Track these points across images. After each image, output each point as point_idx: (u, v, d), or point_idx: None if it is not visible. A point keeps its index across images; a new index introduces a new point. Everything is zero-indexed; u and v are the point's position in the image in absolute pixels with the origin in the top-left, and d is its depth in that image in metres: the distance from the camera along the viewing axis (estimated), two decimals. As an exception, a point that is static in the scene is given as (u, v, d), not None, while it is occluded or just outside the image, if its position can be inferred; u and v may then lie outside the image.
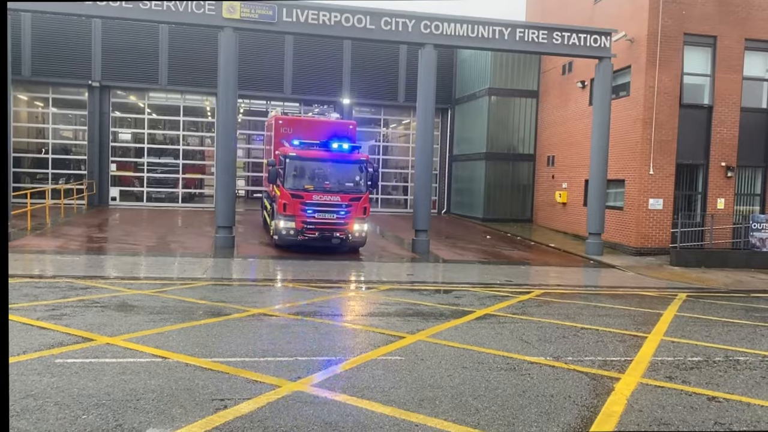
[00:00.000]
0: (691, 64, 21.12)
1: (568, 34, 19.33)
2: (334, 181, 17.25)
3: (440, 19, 18.37)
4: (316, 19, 17.57)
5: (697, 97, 21.34)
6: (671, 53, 20.57)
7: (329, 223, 17.02)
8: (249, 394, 6.32)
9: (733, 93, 21.21)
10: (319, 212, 16.86)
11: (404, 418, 5.87)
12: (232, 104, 17.84)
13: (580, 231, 23.27)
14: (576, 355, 8.51)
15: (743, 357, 8.95)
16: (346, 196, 17.13)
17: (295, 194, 16.74)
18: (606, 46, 19.57)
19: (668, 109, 20.70)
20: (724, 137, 21.28)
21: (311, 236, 16.93)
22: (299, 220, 16.78)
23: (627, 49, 21.21)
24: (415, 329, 9.52)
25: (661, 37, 20.38)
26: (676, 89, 20.74)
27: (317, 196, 16.84)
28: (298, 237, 16.89)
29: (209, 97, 28.81)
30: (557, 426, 5.89)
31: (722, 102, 21.16)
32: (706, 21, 20.81)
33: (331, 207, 16.94)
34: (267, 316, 10.01)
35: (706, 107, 21.22)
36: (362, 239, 17.79)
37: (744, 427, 6.09)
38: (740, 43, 21.13)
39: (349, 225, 17.19)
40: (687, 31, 20.69)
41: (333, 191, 17.05)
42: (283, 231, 16.94)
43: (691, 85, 21.23)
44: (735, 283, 16.83)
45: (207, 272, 14.06)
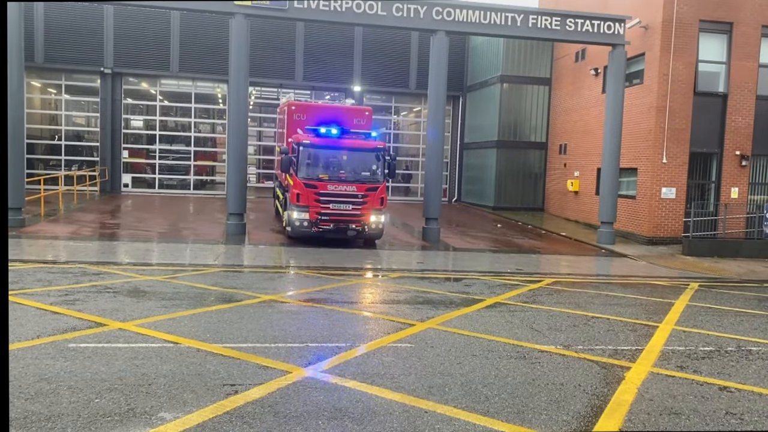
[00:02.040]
0: (706, 51, 20.84)
1: (581, 21, 19.12)
2: (349, 170, 16.61)
3: (452, 5, 18.22)
4: (327, 5, 17.47)
5: (711, 84, 21.08)
6: (686, 40, 20.30)
7: (345, 215, 16.38)
8: (260, 380, 6.36)
9: (749, 80, 20.93)
10: (334, 203, 16.22)
11: (414, 405, 5.89)
12: (243, 91, 17.83)
13: (592, 220, 23.14)
14: (586, 344, 8.49)
15: (756, 347, 8.90)
16: (362, 186, 16.44)
17: (309, 184, 16.10)
18: (620, 33, 19.35)
19: (682, 97, 20.47)
20: (739, 125, 21.03)
21: (326, 228, 16.32)
22: (313, 211, 16.14)
23: (641, 36, 20.96)
24: (425, 317, 9.53)
25: (676, 24, 20.11)
26: (691, 77, 20.50)
27: (332, 185, 16.20)
28: (312, 229, 16.27)
29: (221, 84, 28.81)
30: (567, 414, 5.89)
31: (737, 90, 20.89)
32: (721, 7, 20.50)
33: (346, 197, 16.28)
34: (278, 303, 10.05)
35: (720, 95, 20.96)
36: (379, 231, 17.09)
37: (756, 417, 6.06)
38: (757, 30, 20.81)
39: (366, 216, 16.52)
40: (702, 18, 20.40)
41: (349, 181, 16.39)
42: (296, 222, 16.33)
43: (706, 72, 20.97)
44: (748, 272, 16.69)
45: (218, 259, 14.13)
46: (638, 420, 5.84)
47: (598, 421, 5.74)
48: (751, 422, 5.93)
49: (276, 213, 21.60)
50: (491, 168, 28.76)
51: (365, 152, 16.85)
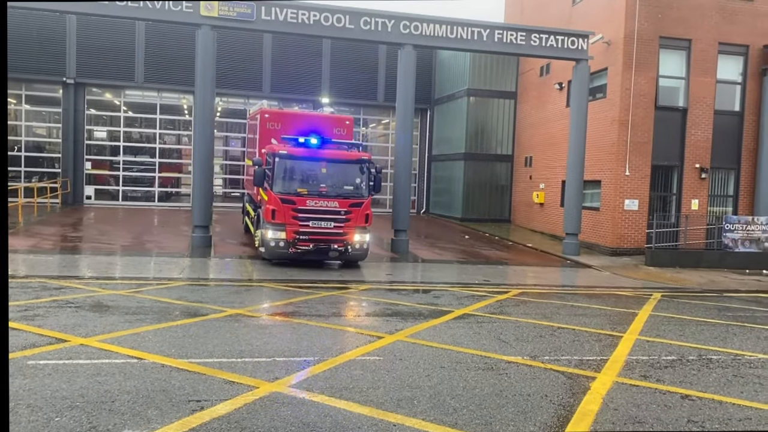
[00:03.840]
0: (667, 66, 21.42)
1: (546, 36, 19.48)
2: (331, 183, 15.21)
3: (419, 19, 18.40)
4: (295, 17, 17.49)
5: (672, 99, 21.66)
6: (647, 56, 20.84)
7: (326, 233, 14.90)
8: (226, 395, 6.27)
9: (707, 95, 21.57)
10: (314, 220, 14.78)
11: (382, 418, 5.87)
12: (209, 103, 17.69)
13: (557, 231, 23.48)
14: (553, 355, 8.58)
15: (716, 356, 9.10)
16: (345, 202, 15.01)
17: (285, 199, 14.68)
18: (583, 49, 19.77)
19: (644, 111, 20.98)
20: (698, 139, 21.63)
21: (304, 249, 14.80)
22: (290, 230, 14.65)
23: (604, 51, 21.45)
24: (393, 329, 9.52)
25: (637, 40, 20.65)
26: (652, 91, 21.03)
27: (312, 201, 14.78)
28: (288, 249, 14.76)
29: (186, 95, 28.52)
30: (534, 425, 5.93)
31: (696, 104, 21.51)
32: (680, 24, 21.13)
33: (328, 214, 14.86)
34: (244, 317, 9.94)
35: (680, 109, 21.54)
36: (364, 252, 15.59)
37: (717, 425, 6.19)
38: (714, 47, 21.49)
39: (349, 235, 15.05)
40: (662, 34, 20.98)
41: (330, 196, 14.99)
42: (271, 243, 14.75)
43: (667, 87, 21.54)
44: (708, 282, 17.10)
45: (183, 272, 13.93)
46: (603, 429, 5.91)
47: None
48: (711, 429, 6.05)
49: (246, 230, 20.57)
50: (459, 180, 29.01)
51: (348, 164, 15.51)
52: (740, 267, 19.82)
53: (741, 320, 12.10)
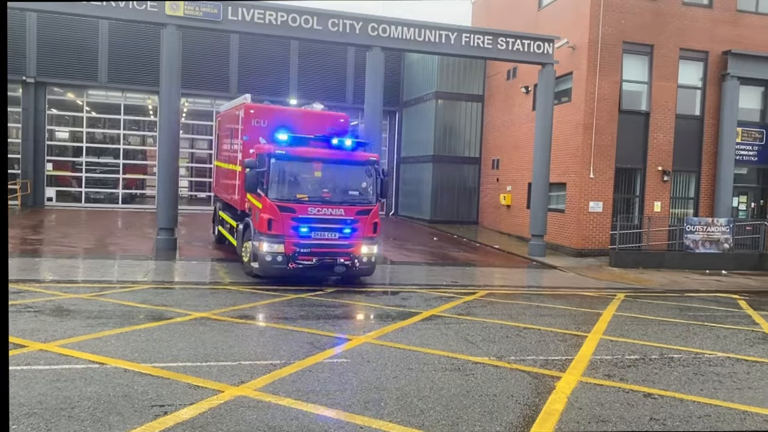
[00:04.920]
0: (630, 71, 21.84)
1: (512, 40, 19.69)
2: (334, 188, 13.47)
3: (387, 22, 18.44)
4: (262, 18, 17.36)
5: (635, 103, 22.09)
6: (611, 60, 21.22)
7: (330, 245, 13.17)
8: (190, 400, 6.17)
9: (669, 100, 22.04)
10: (317, 230, 13.02)
11: (349, 421, 5.85)
12: (175, 103, 17.44)
13: (524, 233, 23.73)
14: (519, 355, 8.66)
15: (677, 354, 9.29)
16: (351, 209, 13.27)
17: (284, 206, 12.81)
18: (549, 53, 20.02)
19: (608, 115, 21.34)
20: (661, 143, 22.09)
21: (306, 263, 12.96)
22: (289, 242, 12.82)
23: (569, 55, 21.77)
24: (361, 331, 9.51)
25: (602, 45, 21.00)
26: (616, 95, 21.41)
27: (314, 208, 12.96)
28: (287, 265, 12.86)
29: (152, 96, 28.10)
30: (500, 425, 5.97)
31: (658, 109, 21.96)
32: (643, 30, 21.56)
33: (332, 223, 13.11)
34: (210, 320, 9.81)
35: (643, 113, 21.98)
36: (372, 266, 13.85)
37: (677, 422, 6.31)
38: (675, 52, 21.97)
39: (356, 247, 13.34)
40: (626, 40, 21.39)
41: (334, 202, 13.20)
42: (266, 257, 12.82)
43: (630, 91, 21.96)
44: (670, 283, 17.46)
45: (148, 275, 13.69)
46: (568, 429, 5.98)
47: (530, 431, 5.84)
48: (672, 427, 6.17)
49: (219, 240, 18.58)
50: (427, 182, 29.14)
51: (355, 166, 13.74)
52: (701, 267, 20.28)
53: (701, 319, 12.38)
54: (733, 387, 7.73)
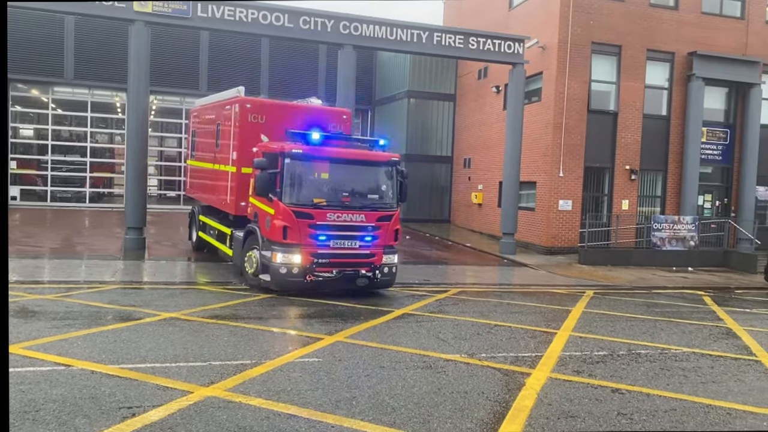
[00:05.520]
0: (599, 71, 22.15)
1: (483, 40, 19.82)
2: (353, 191, 12.40)
3: (359, 20, 18.41)
4: (232, 15, 17.20)
5: (603, 103, 22.41)
6: (580, 61, 21.49)
7: (351, 255, 12.12)
8: (159, 401, 6.09)
9: (637, 100, 22.41)
10: (336, 238, 11.95)
11: (320, 420, 5.83)
12: (143, 101, 17.19)
13: (495, 231, 23.92)
14: (490, 352, 8.73)
15: (644, 350, 9.46)
16: (372, 214, 12.24)
17: (300, 212, 11.65)
18: (519, 53, 20.20)
19: (577, 115, 21.62)
20: (628, 142, 22.45)
21: (326, 276, 11.86)
22: (307, 252, 11.69)
23: (539, 55, 21.99)
24: (333, 330, 9.48)
25: (571, 45, 21.26)
26: (585, 95, 21.70)
27: (333, 214, 11.86)
28: (305, 277, 11.74)
29: (119, 93, 27.61)
30: (471, 422, 6.01)
31: (626, 108, 22.32)
32: (611, 31, 21.88)
33: (353, 230, 12.05)
34: (180, 320, 9.69)
35: (611, 113, 22.31)
36: (392, 277, 12.82)
37: (644, 417, 6.42)
38: (643, 53, 22.35)
39: (377, 257, 12.32)
40: (594, 40, 21.68)
41: (354, 207, 12.12)
42: (281, 269, 11.67)
43: (599, 91, 22.27)
44: (638, 280, 17.77)
45: (116, 275, 13.48)
46: (537, 424, 6.05)
47: (500, 428, 5.89)
48: (639, 421, 6.28)
49: (198, 247, 17.21)
50: (399, 181, 29.15)
51: (376, 167, 12.68)
52: (668, 264, 20.68)
53: (668, 315, 12.63)
54: (698, 381, 7.90)
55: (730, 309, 13.96)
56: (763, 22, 23.85)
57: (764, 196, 24.74)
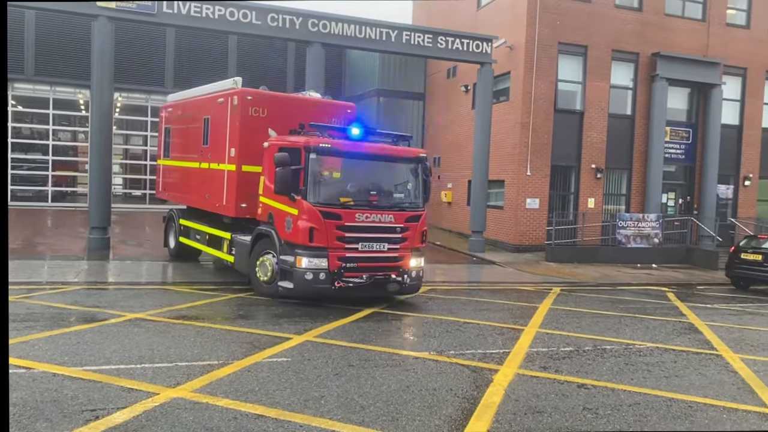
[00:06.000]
0: (565, 71, 22.44)
1: (451, 39, 19.92)
2: (379, 190, 11.66)
3: (328, 18, 18.35)
4: (199, 11, 16.98)
5: (570, 102, 22.72)
6: (547, 61, 21.75)
7: (380, 259, 11.35)
8: (124, 403, 5.98)
9: (602, 100, 22.77)
10: (365, 241, 11.13)
11: (289, 420, 5.80)
12: (107, 98, 16.87)
13: (464, 229, 24.07)
14: (458, 349, 8.78)
15: (609, 346, 9.62)
16: (401, 215, 11.50)
17: (328, 212, 10.81)
18: (487, 52, 20.36)
19: (544, 114, 21.87)
20: (594, 141, 22.79)
21: (356, 282, 11.05)
22: (334, 256, 10.88)
23: (507, 55, 22.18)
24: (302, 330, 9.43)
25: (538, 46, 21.50)
26: (552, 95, 21.97)
27: (362, 214, 11.06)
28: (333, 284, 10.89)
29: (83, 90, 27.03)
30: (439, 419, 6.04)
31: (592, 108, 22.65)
32: (578, 31, 22.19)
33: (381, 232, 11.28)
34: (145, 321, 9.54)
35: (578, 113, 22.63)
36: (419, 282, 12.16)
37: (609, 411, 6.53)
38: (608, 53, 22.71)
39: (405, 260, 11.59)
40: (561, 40, 21.96)
41: (383, 207, 11.37)
42: (306, 275, 10.81)
43: (565, 91, 22.57)
44: (603, 276, 18.07)
45: (80, 275, 13.20)
46: (505, 420, 6.10)
47: (468, 424, 5.93)
48: (604, 416, 6.38)
49: (178, 254, 15.97)
50: (368, 179, 29.12)
51: (405, 163, 11.96)
52: (632, 261, 21.07)
53: (632, 311, 12.87)
54: (661, 375, 8.06)
55: (692, 305, 14.29)
56: (723, 24, 24.44)
57: (725, 194, 25.36)
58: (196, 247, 15.06)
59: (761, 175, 25.59)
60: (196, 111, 14.86)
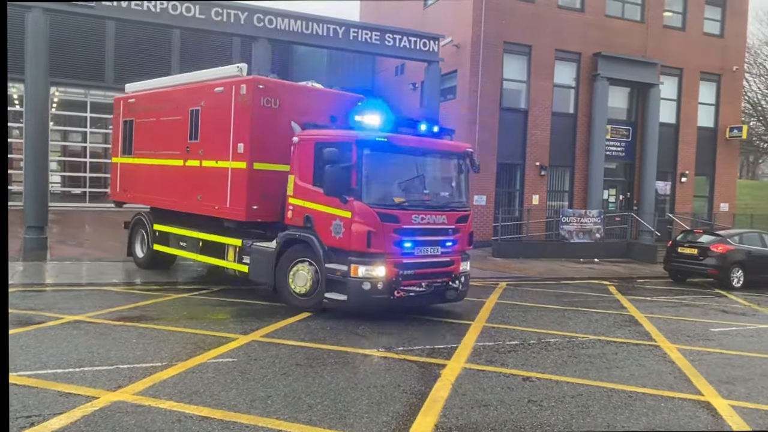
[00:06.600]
0: (510, 70, 22.83)
1: (399, 37, 19.96)
2: (431, 188, 10.92)
3: (274, 13, 18.12)
4: (139, 5, 16.50)
5: (515, 101, 23.12)
6: (492, 59, 22.06)
7: (435, 264, 10.48)
8: (61, 408, 5.76)
9: (546, 98, 23.26)
10: (420, 245, 10.23)
11: (234, 420, 5.70)
12: (43, 93, 16.23)
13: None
14: (407, 345, 8.81)
15: (553, 339, 9.83)
16: (452, 215, 10.67)
17: (386, 214, 9.83)
18: (434, 51, 20.50)
19: (490, 112, 22.19)
20: (538, 139, 23.27)
21: (416, 290, 10.15)
22: (391, 263, 9.87)
23: (454, 54, 22.40)
24: (248, 329, 9.29)
25: (483, 45, 21.79)
26: (497, 94, 22.32)
27: (417, 215, 10.13)
28: (392, 294, 9.89)
29: (16, 84, 25.91)
30: (387, 415, 6.05)
31: (536, 106, 23.12)
32: (522, 31, 22.59)
33: (436, 234, 10.44)
34: (84, 323, 9.23)
35: (522, 111, 23.06)
36: (467, 288, 11.26)
37: (553, 403, 6.67)
38: (551, 53, 23.21)
39: (456, 264, 10.75)
40: (506, 40, 22.32)
41: (435, 207, 10.53)
42: (364, 285, 9.74)
43: (510, 90, 22.96)
44: (548, 271, 18.47)
45: (14, 277, 12.66)
46: (452, 414, 6.16)
47: (415, 419, 5.96)
48: (548, 407, 6.51)
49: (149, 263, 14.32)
50: (317, 177, 28.95)
51: (453, 159, 11.14)
52: (576, 256, 21.61)
53: (575, 305, 13.20)
54: (602, 367, 8.29)
55: (632, 297, 14.75)
56: (660, 26, 25.31)
57: (663, 190, 26.31)
58: (179, 255, 13.73)
59: (697, 172, 26.65)
60: (175, 102, 13.43)
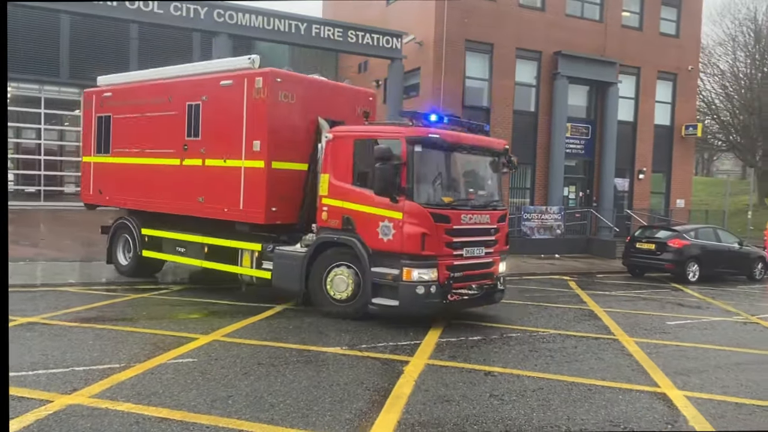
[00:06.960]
0: (472, 68, 23.01)
1: (362, 34, 19.98)
2: (474, 186, 10.84)
3: (234, 8, 17.94)
4: (96, -2, 16.14)
5: (477, 99, 23.32)
6: (455, 58, 22.20)
7: (481, 265, 10.29)
8: (13, 413, 5.58)
9: (507, 96, 23.51)
10: (469, 246, 10.00)
11: (194, 421, 5.61)
12: (-5, 87, 15.72)
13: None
14: (370, 342, 8.80)
15: (515, 333, 9.94)
16: (494, 214, 10.51)
17: (439, 214, 9.50)
18: (397, 48, 20.55)
19: (453, 110, 22.28)
20: (500, 137, 23.30)
21: (469, 293, 10.02)
22: (443, 266, 9.58)
23: (417, 51, 22.47)
24: (209, 329, 9.16)
25: (446, 43, 21.91)
26: (459, 91, 22.46)
27: (467, 215, 9.93)
28: (445, 297, 9.59)
29: (-32, 79, 25.10)
30: (350, 412, 6.03)
31: (498, 104, 23.35)
32: (484, 30, 22.78)
33: (481, 235, 10.23)
34: (39, 325, 8.97)
35: (485, 109, 23.26)
36: (505, 288, 11.12)
37: (514, 397, 6.74)
38: (512, 52, 23.46)
39: (497, 265, 10.63)
40: (468, 38, 22.48)
41: (481, 206, 10.39)
42: (418, 289, 9.35)
43: (473, 88, 23.15)
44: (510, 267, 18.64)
45: (-35, 279, 12.23)
46: (415, 410, 6.17)
47: (378, 416, 5.95)
48: (510, 402, 6.58)
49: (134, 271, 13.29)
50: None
51: (494, 156, 10.85)
52: (537, 252, 21.91)
53: (537, 300, 13.39)
54: (563, 360, 8.41)
55: (592, 292, 15.03)
56: (619, 26, 25.81)
57: (622, 186, 26.86)
58: (176, 261, 12.96)
59: (654, 169, 27.29)
60: (167, 96, 12.42)
